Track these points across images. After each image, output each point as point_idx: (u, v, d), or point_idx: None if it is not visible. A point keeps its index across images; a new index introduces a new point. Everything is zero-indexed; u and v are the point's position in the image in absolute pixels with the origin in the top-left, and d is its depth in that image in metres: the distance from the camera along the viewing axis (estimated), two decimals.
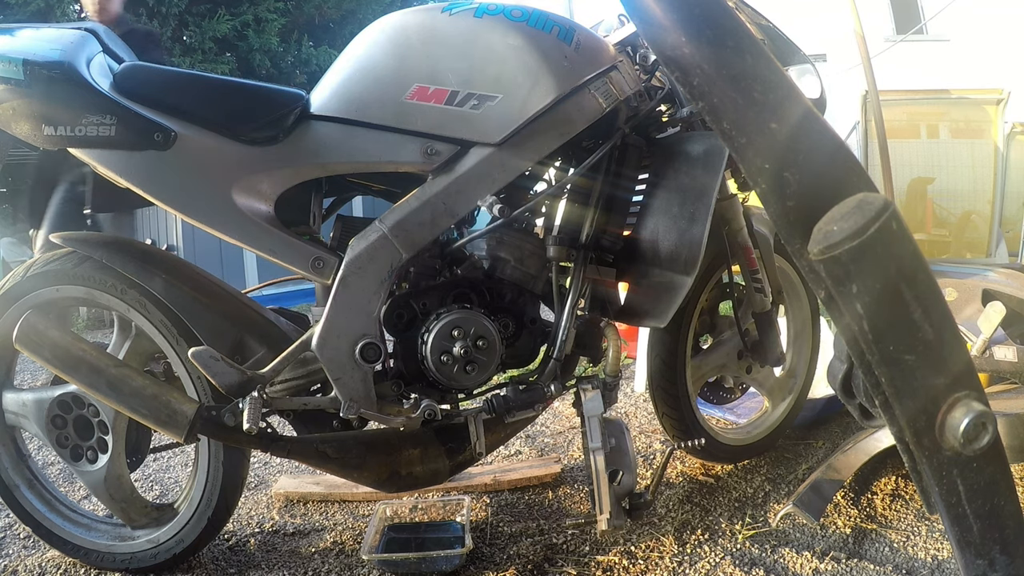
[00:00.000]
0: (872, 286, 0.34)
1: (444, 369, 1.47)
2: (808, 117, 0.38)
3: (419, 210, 1.43)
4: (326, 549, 1.82)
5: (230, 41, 8.62)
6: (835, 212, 0.35)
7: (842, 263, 0.34)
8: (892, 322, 0.35)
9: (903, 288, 0.34)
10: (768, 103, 0.37)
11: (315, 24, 9.63)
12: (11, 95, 1.35)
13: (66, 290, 1.57)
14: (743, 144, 0.37)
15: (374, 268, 1.42)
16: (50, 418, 1.62)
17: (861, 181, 0.38)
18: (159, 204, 1.44)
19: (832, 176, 0.38)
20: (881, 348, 0.35)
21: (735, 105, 0.37)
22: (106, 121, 1.37)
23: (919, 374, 0.35)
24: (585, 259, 1.57)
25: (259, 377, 1.41)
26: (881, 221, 0.33)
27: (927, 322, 0.35)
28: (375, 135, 1.44)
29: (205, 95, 1.48)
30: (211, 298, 1.54)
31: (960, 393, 0.35)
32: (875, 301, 0.34)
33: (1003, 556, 0.38)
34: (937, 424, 0.36)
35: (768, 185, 0.38)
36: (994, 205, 7.76)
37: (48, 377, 1.72)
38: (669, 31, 0.37)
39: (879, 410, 0.38)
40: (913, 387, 0.36)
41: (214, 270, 1.73)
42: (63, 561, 1.79)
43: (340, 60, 1.54)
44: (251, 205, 1.45)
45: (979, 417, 0.35)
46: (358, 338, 1.42)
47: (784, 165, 0.37)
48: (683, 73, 0.38)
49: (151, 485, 2.34)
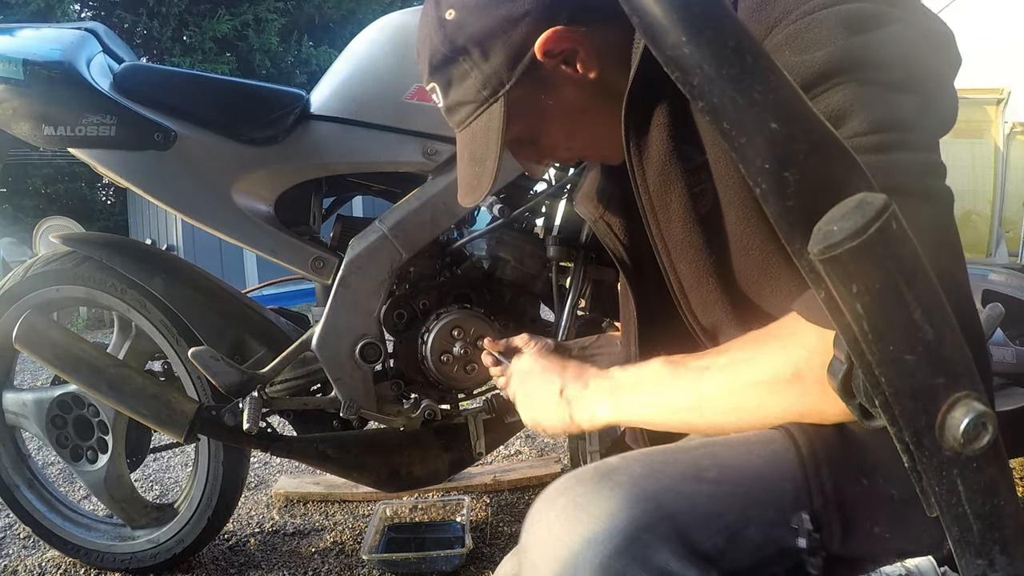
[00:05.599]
0: (872, 286, 0.34)
1: (444, 369, 1.47)
2: (808, 117, 0.38)
3: (419, 210, 1.42)
4: (326, 549, 1.82)
5: (230, 41, 8.62)
6: (835, 212, 0.35)
7: (842, 263, 0.34)
8: (892, 322, 0.35)
9: (903, 288, 0.34)
10: (768, 103, 0.37)
11: (315, 24, 9.64)
12: (11, 95, 1.35)
13: (66, 290, 1.57)
14: (743, 144, 0.37)
15: (374, 268, 1.42)
16: (50, 418, 1.62)
17: (861, 181, 0.38)
18: (159, 204, 1.44)
19: (832, 176, 0.38)
20: (881, 348, 0.35)
21: (735, 105, 0.37)
22: (106, 121, 1.37)
23: (919, 374, 0.35)
24: (585, 259, 1.57)
25: (259, 377, 1.41)
26: (881, 221, 0.33)
27: (927, 322, 0.35)
28: (375, 135, 1.44)
29: (205, 95, 1.48)
30: (211, 298, 1.54)
31: (960, 393, 0.35)
32: (875, 301, 0.34)
33: (1003, 556, 0.38)
34: (937, 424, 0.36)
35: (768, 185, 0.38)
36: (994, 205, 7.76)
37: (48, 377, 1.72)
38: (669, 31, 0.37)
39: (879, 410, 0.38)
40: (913, 387, 0.36)
41: (214, 270, 1.73)
42: (63, 561, 1.79)
43: (340, 60, 1.53)
44: (251, 205, 1.45)
45: (979, 417, 0.35)
46: (358, 338, 1.42)
47: (784, 165, 0.37)
48: (683, 73, 0.38)
49: (151, 485, 2.34)
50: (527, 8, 0.72)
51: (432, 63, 0.78)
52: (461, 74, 0.76)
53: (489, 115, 0.77)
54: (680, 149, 0.72)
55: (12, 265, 5.52)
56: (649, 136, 0.73)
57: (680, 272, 0.79)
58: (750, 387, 0.63)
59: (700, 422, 0.68)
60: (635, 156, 0.75)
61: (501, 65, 0.74)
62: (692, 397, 0.67)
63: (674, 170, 0.72)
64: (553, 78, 0.75)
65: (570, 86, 0.76)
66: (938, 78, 0.62)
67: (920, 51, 0.60)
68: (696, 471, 0.62)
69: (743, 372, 0.64)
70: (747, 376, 0.63)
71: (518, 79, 0.74)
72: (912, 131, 0.58)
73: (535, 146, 0.83)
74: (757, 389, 0.63)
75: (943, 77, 0.63)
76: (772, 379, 0.61)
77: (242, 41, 8.67)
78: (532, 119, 0.78)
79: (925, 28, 0.62)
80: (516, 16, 0.72)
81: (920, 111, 0.59)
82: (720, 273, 0.74)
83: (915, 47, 0.60)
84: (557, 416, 0.80)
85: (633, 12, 0.39)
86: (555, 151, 0.84)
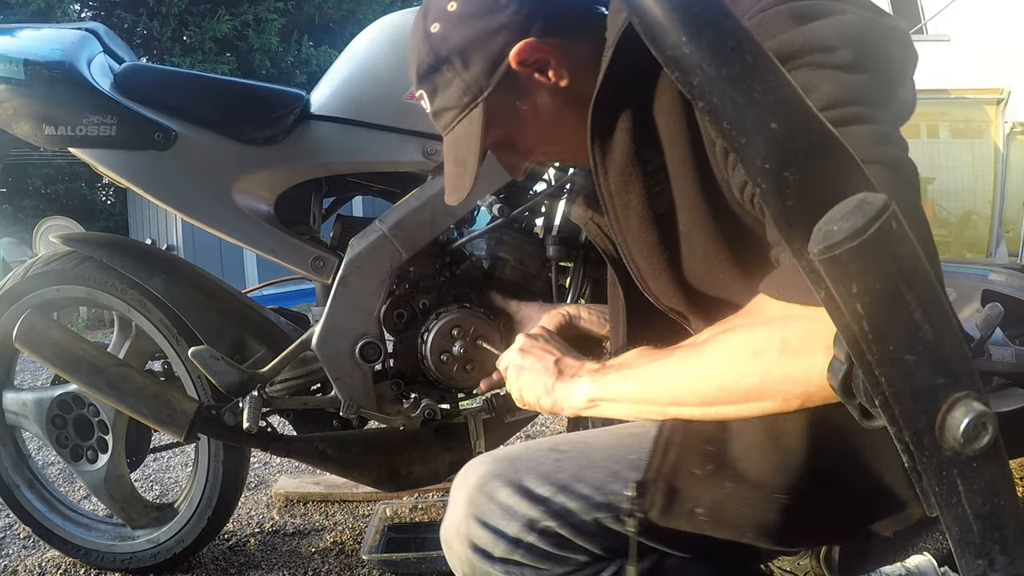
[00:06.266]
0: (872, 286, 0.34)
1: (444, 368, 1.47)
2: (808, 117, 0.38)
3: (419, 210, 1.42)
4: (326, 549, 1.82)
5: (230, 41, 8.63)
6: (835, 212, 0.35)
7: (842, 263, 0.34)
8: (892, 322, 0.35)
9: (903, 288, 0.34)
10: (768, 103, 0.37)
11: (315, 24, 9.64)
12: (12, 95, 1.35)
13: (67, 290, 1.57)
14: (743, 144, 0.37)
15: (374, 267, 1.42)
16: (50, 418, 1.62)
17: (861, 181, 0.38)
18: (159, 204, 1.44)
19: (832, 176, 0.38)
20: (881, 348, 0.35)
21: (735, 105, 0.37)
22: (107, 121, 1.37)
23: (919, 374, 0.35)
24: (585, 259, 1.57)
25: (259, 376, 1.41)
26: (881, 221, 0.33)
27: (927, 322, 0.35)
28: (375, 135, 1.44)
29: (205, 95, 1.48)
30: (211, 298, 1.54)
31: (960, 393, 0.35)
32: (875, 301, 0.34)
33: (1003, 556, 0.38)
34: (937, 424, 0.36)
35: (768, 185, 0.38)
36: (994, 205, 7.76)
37: (48, 377, 1.72)
38: (669, 31, 0.37)
39: (879, 410, 0.38)
40: (913, 387, 0.36)
41: (214, 270, 1.73)
42: (63, 561, 1.79)
43: (340, 60, 1.53)
44: (251, 205, 1.45)
45: (979, 417, 0.35)
46: (358, 337, 1.42)
47: (784, 165, 0.37)
48: (683, 73, 0.38)
49: (151, 485, 2.34)
50: (504, 21, 0.79)
51: (419, 72, 0.86)
52: (445, 82, 0.84)
53: (470, 120, 0.84)
54: (641, 152, 0.77)
55: (12, 265, 5.52)
56: (613, 139, 0.78)
57: (638, 264, 0.84)
58: (715, 364, 0.66)
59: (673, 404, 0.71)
60: (599, 157, 0.80)
61: (480, 73, 0.81)
62: (665, 380, 0.70)
63: (635, 171, 0.78)
64: (528, 86, 0.82)
65: (544, 93, 0.82)
66: (890, 64, 0.64)
67: (870, 37, 0.62)
68: (553, 444, 0.78)
69: (709, 352, 0.67)
70: (713, 355, 0.67)
71: (496, 86, 0.81)
72: (865, 106, 0.60)
73: (514, 149, 0.90)
74: (722, 366, 0.66)
75: (896, 65, 0.64)
76: (736, 354, 0.64)
77: (242, 41, 8.67)
78: (510, 124, 0.85)
79: (875, 20, 0.64)
80: (494, 29, 0.80)
81: (874, 89, 0.61)
82: (672, 268, 0.80)
83: (864, 33, 0.62)
84: (542, 387, 0.83)
85: (633, 12, 0.39)
86: (532, 154, 0.91)
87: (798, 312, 0.60)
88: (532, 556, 0.72)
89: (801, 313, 0.60)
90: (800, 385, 0.61)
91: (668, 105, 0.74)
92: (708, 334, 0.70)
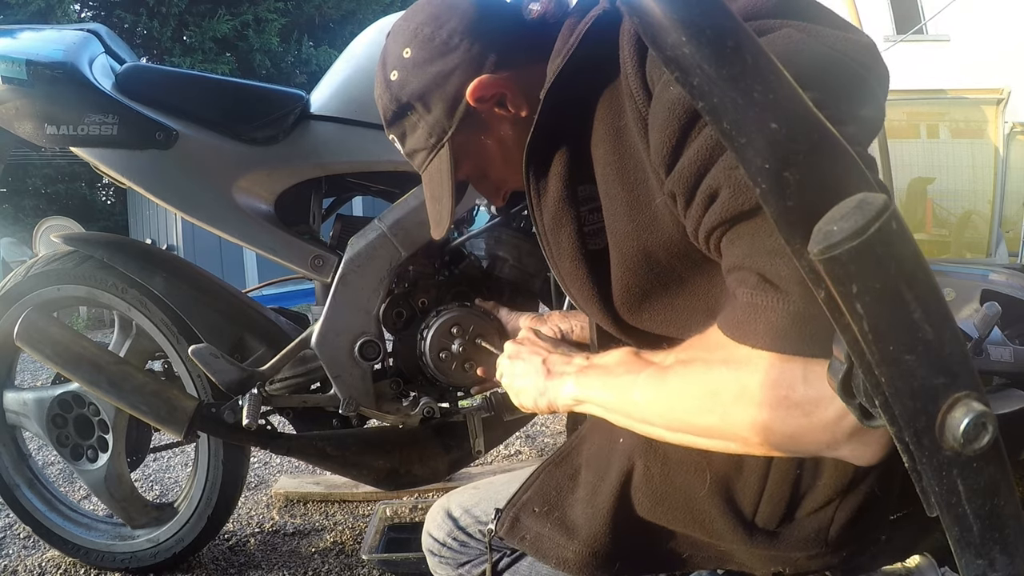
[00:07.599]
0: (872, 286, 0.34)
1: (443, 367, 1.47)
2: (808, 117, 0.38)
3: (418, 209, 1.43)
4: (326, 549, 1.82)
5: (230, 41, 8.63)
6: (835, 212, 0.35)
7: (842, 263, 0.34)
8: (892, 322, 0.35)
9: (903, 288, 0.34)
10: (768, 103, 0.37)
11: (315, 24, 9.64)
12: (14, 95, 1.36)
13: (67, 289, 1.57)
14: (743, 144, 0.37)
15: (373, 266, 1.42)
16: (51, 417, 1.62)
17: (861, 181, 0.38)
18: (160, 203, 1.44)
19: (832, 176, 0.38)
20: (881, 348, 0.35)
21: (735, 105, 0.37)
22: (108, 120, 1.38)
23: (919, 374, 0.35)
24: None
25: (259, 374, 1.41)
26: (881, 221, 0.33)
27: (927, 322, 0.35)
28: (375, 135, 1.44)
29: (206, 95, 1.48)
30: (211, 297, 1.54)
31: (960, 393, 0.35)
32: (875, 301, 0.34)
33: (1003, 556, 0.38)
34: (937, 424, 0.36)
35: (768, 185, 0.38)
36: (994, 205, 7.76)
37: (48, 377, 1.72)
38: (669, 31, 0.37)
39: (879, 410, 0.38)
40: (913, 387, 0.36)
41: (214, 270, 1.73)
42: (63, 561, 1.79)
43: (340, 60, 1.54)
44: (251, 204, 1.45)
45: (979, 417, 0.35)
46: (357, 336, 1.42)
47: (784, 165, 0.37)
48: (683, 73, 0.38)
49: (151, 485, 2.34)
50: (457, 62, 0.81)
51: (387, 118, 0.90)
52: (411, 125, 0.87)
53: (439, 159, 0.87)
54: (575, 192, 0.78)
55: (12, 265, 5.52)
56: (547, 181, 0.79)
57: (574, 296, 0.86)
58: (676, 396, 0.66)
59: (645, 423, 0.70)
60: (534, 199, 0.82)
61: (442, 115, 0.84)
62: (635, 399, 0.69)
63: (567, 212, 0.79)
64: (490, 120, 0.84)
65: (506, 125, 0.84)
66: (849, 77, 0.58)
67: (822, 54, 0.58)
68: (476, 485, 1.06)
69: (672, 382, 0.66)
70: (675, 386, 0.66)
71: (458, 125, 0.84)
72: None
73: (487, 180, 0.93)
74: (682, 399, 0.65)
75: (857, 79, 0.59)
76: (695, 390, 0.63)
77: (242, 41, 8.67)
78: (479, 157, 0.88)
79: (836, 36, 0.60)
80: (447, 71, 0.82)
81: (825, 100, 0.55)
82: (603, 303, 0.81)
83: (814, 49, 0.58)
84: (535, 389, 0.84)
85: (633, 12, 0.39)
86: (506, 183, 0.92)
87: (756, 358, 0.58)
88: (450, 551, 1.01)
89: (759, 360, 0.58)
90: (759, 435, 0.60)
91: (602, 136, 0.73)
92: (672, 359, 0.68)
